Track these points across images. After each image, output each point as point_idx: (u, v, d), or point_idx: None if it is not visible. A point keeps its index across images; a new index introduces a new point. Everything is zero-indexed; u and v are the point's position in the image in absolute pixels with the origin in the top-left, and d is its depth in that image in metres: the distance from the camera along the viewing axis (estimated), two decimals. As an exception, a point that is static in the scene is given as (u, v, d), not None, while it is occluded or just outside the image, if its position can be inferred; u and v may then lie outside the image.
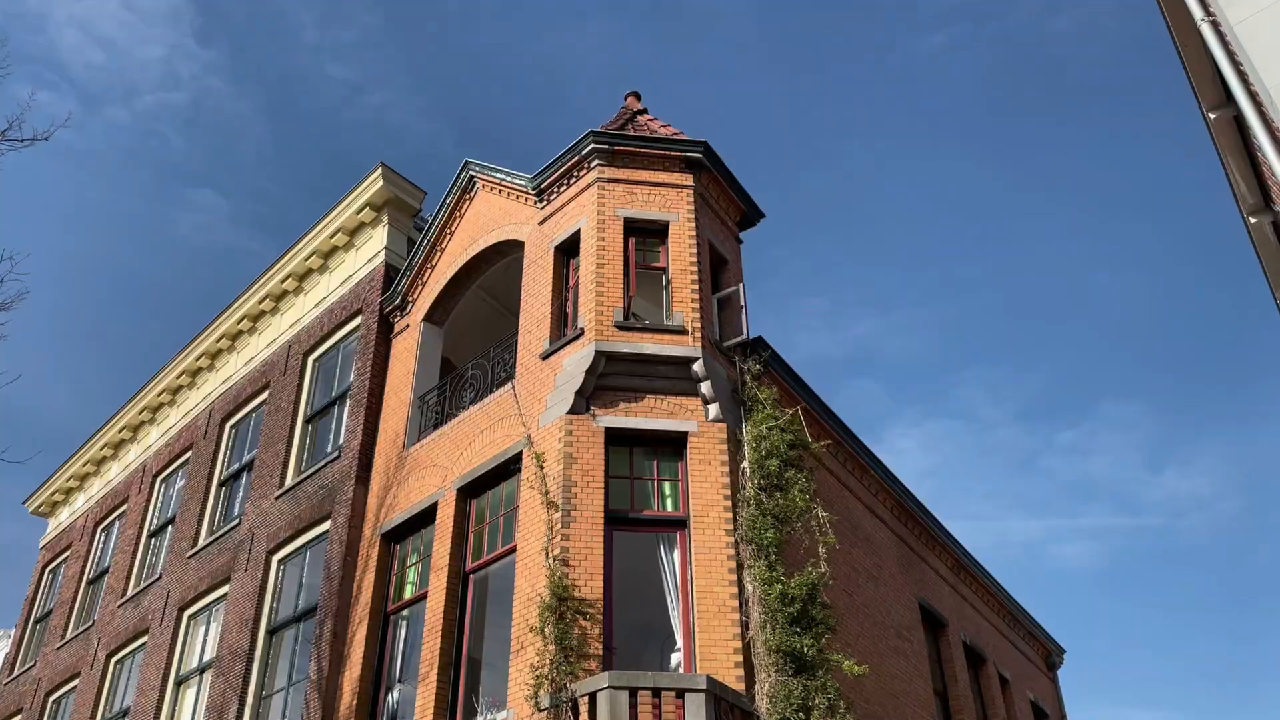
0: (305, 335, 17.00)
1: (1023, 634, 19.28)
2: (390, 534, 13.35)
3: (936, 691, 14.75)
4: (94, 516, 21.22)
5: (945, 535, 16.69)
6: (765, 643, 9.99)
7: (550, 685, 9.77)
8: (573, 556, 10.57)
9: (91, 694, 17.44)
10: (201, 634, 16.02)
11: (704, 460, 11.36)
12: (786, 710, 9.51)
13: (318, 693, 12.55)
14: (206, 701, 14.50)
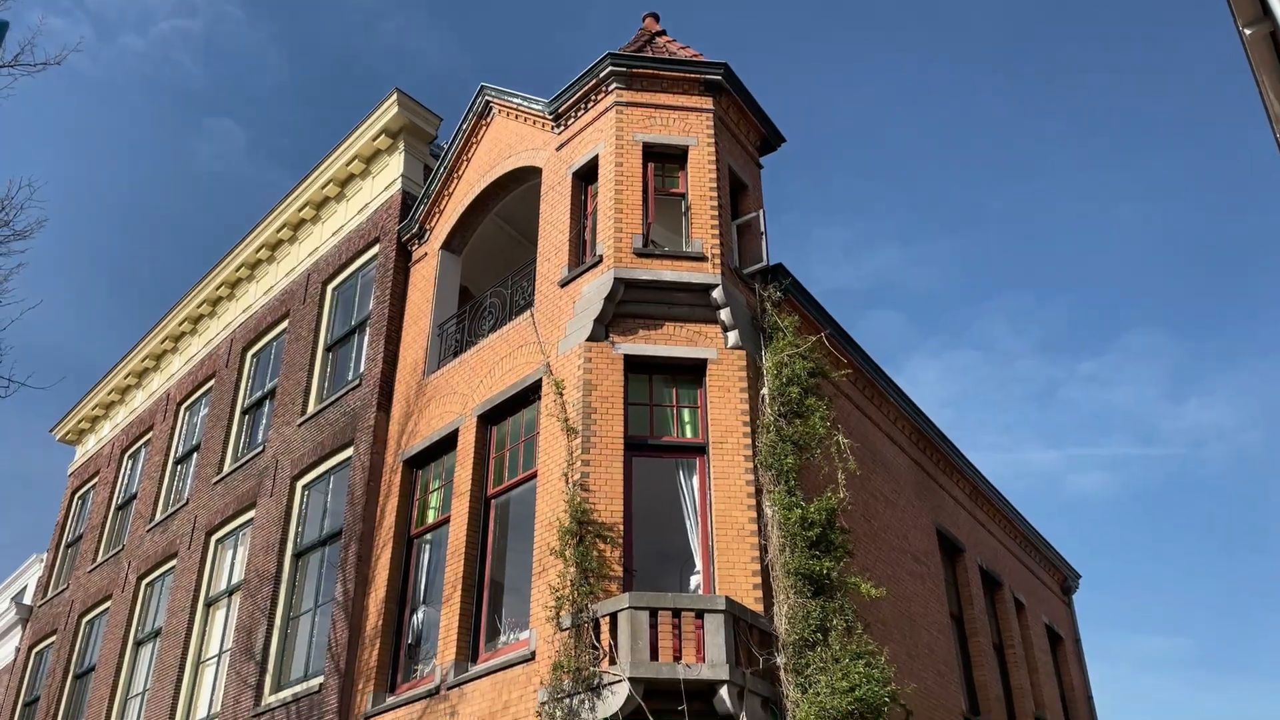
0: (324, 264, 17.00)
1: (1039, 559, 19.44)
2: (412, 460, 13.50)
3: (952, 615, 14.93)
4: (120, 444, 21.54)
5: (963, 462, 16.74)
6: (784, 565, 10.10)
7: (571, 606, 9.94)
8: (592, 482, 10.67)
9: (124, 615, 17.89)
10: (229, 557, 16.34)
11: (723, 387, 11.37)
12: (805, 631, 9.65)
13: (344, 613, 12.83)
14: (236, 622, 14.86)
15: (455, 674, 11.08)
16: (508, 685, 10.38)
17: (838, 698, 9.06)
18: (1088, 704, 19.34)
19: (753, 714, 9.28)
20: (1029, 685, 16.50)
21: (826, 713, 9.02)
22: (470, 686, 10.83)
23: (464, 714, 10.73)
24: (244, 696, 13.76)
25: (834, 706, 9.03)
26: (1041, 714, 16.59)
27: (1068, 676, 18.93)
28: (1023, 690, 16.15)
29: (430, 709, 11.19)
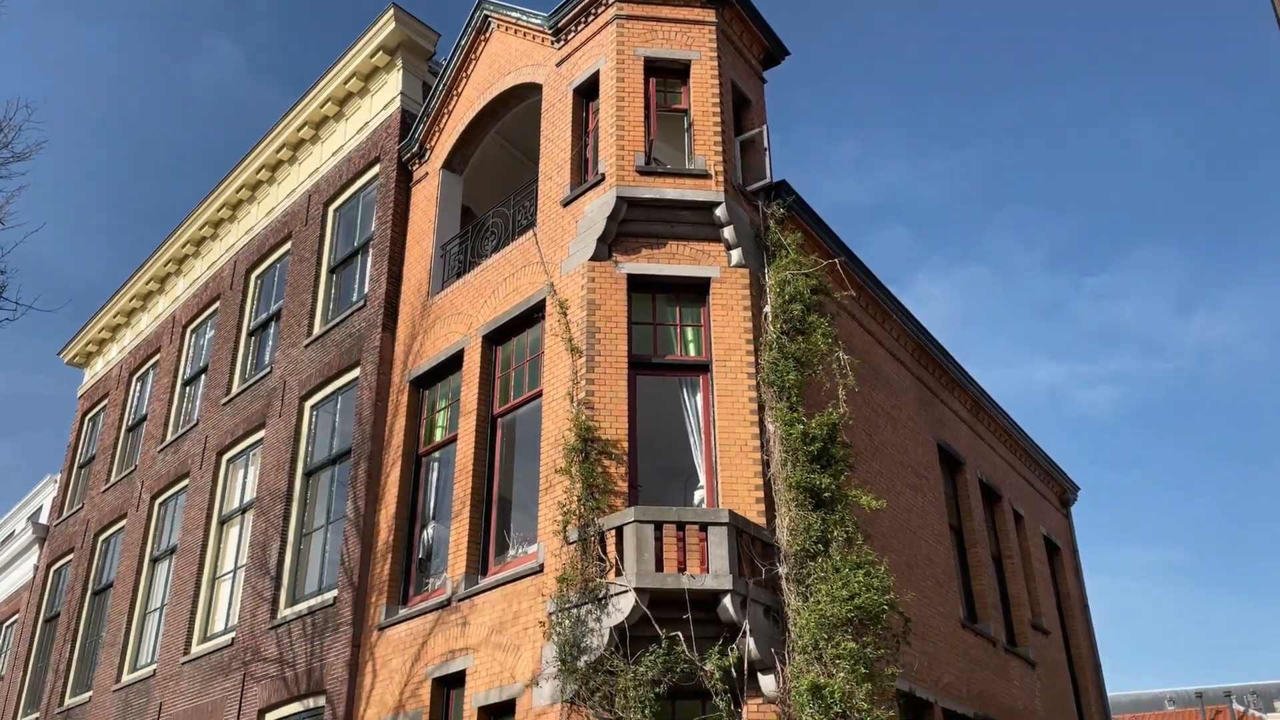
0: (324, 185, 16.92)
1: (1038, 472, 19.69)
2: (419, 380, 13.63)
3: (952, 526, 15.21)
4: (128, 366, 21.70)
5: (965, 378, 16.86)
6: (786, 480, 10.28)
7: (578, 521, 10.15)
8: (597, 400, 10.80)
9: (139, 533, 18.26)
10: (240, 477, 16.61)
11: (726, 306, 11.42)
12: (806, 542, 9.87)
13: (356, 530, 13.10)
14: (249, 539, 15.18)
15: (466, 586, 11.37)
16: (517, 596, 10.66)
17: (838, 605, 9.31)
18: (1084, 612, 19.80)
19: (755, 622, 9.55)
20: (1026, 594, 16.88)
21: (827, 620, 9.28)
22: (481, 598, 11.13)
23: (475, 624, 11.04)
24: (260, 610, 14.14)
25: (834, 614, 9.28)
26: (1038, 621, 16.99)
27: (1064, 586, 19.34)
28: (1020, 599, 16.53)
29: (442, 619, 11.51)
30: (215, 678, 14.45)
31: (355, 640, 12.44)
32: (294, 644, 13.27)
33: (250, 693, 13.59)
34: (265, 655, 13.64)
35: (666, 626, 9.38)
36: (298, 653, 13.14)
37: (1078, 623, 19.25)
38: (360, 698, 12.14)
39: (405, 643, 11.89)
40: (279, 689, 13.17)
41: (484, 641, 10.83)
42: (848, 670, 9.01)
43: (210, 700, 14.33)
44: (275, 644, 13.58)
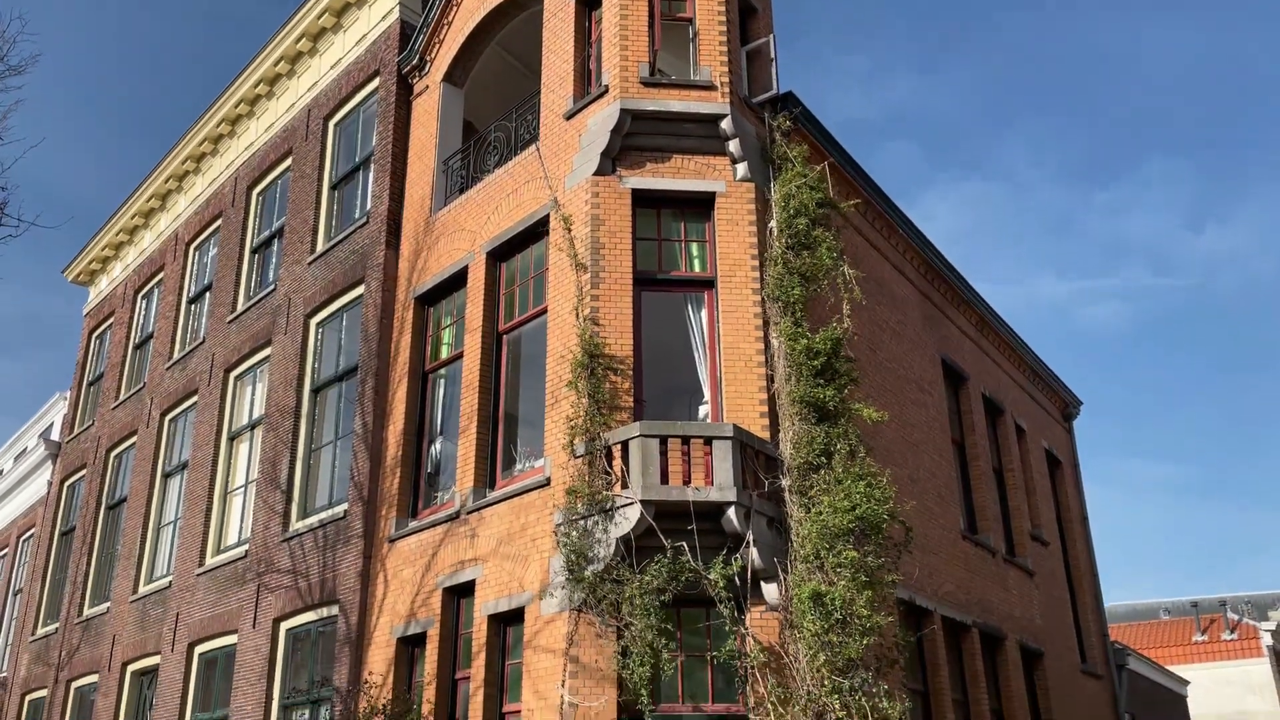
0: (324, 99, 16.68)
1: (1041, 387, 19.78)
2: (423, 297, 13.63)
3: (954, 441, 15.35)
4: (133, 284, 21.71)
5: (971, 294, 16.82)
6: (790, 394, 10.36)
7: (584, 435, 10.27)
8: (602, 316, 10.82)
9: (150, 449, 18.48)
10: (249, 393, 16.75)
11: (732, 221, 11.36)
12: (809, 455, 9.98)
13: (364, 445, 13.26)
14: (259, 454, 15.38)
15: (474, 500, 11.55)
16: (525, 509, 10.84)
17: (839, 516, 9.46)
18: (1083, 524, 20.08)
19: (759, 533, 9.72)
20: (1026, 506, 17.11)
21: (829, 530, 9.44)
22: (489, 511, 11.31)
23: (484, 536, 11.25)
24: (272, 523, 14.39)
25: (835, 524, 9.44)
26: (1037, 533, 17.26)
27: (1064, 498, 19.59)
28: (1020, 511, 16.76)
29: (451, 531, 11.72)
30: (230, 588, 14.78)
31: (366, 552, 12.69)
32: (306, 555, 13.54)
33: (265, 602, 13.92)
34: (278, 566, 13.93)
35: (672, 537, 9.55)
36: (310, 564, 13.42)
37: (1076, 534, 19.55)
38: (373, 607, 12.44)
39: (415, 554, 12.12)
40: (293, 599, 13.48)
41: (493, 552, 11.04)
42: (848, 578, 9.20)
43: (226, 610, 14.69)
44: (288, 555, 13.86)
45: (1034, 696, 15.53)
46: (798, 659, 9.27)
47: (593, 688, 9.44)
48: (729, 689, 9.68)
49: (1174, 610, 46.64)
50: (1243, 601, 45.88)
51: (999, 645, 14.62)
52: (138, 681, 16.81)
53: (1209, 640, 39.25)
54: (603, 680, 9.45)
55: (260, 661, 13.58)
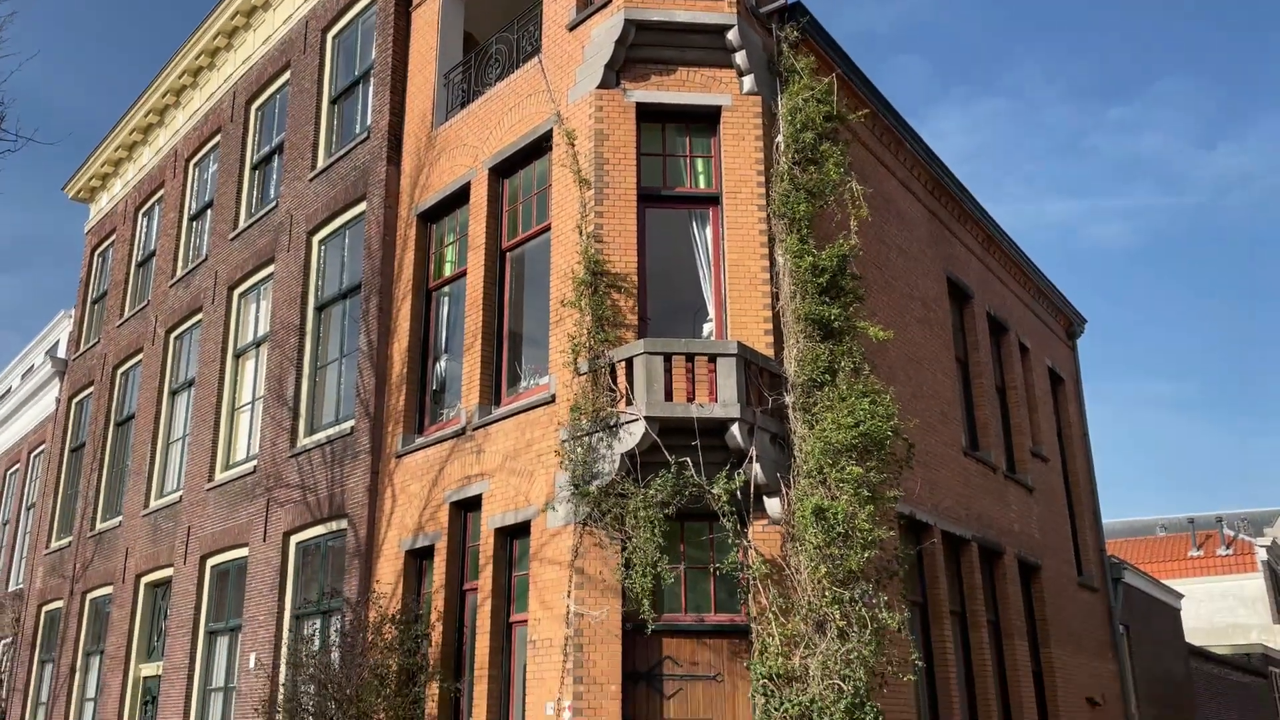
0: (321, 10, 16.33)
1: (1046, 305, 19.74)
2: (426, 214, 13.54)
3: (958, 359, 15.37)
4: (133, 202, 21.55)
5: (978, 210, 16.68)
6: (794, 312, 10.34)
7: (588, 353, 10.29)
8: (606, 233, 10.75)
9: (156, 367, 18.58)
10: (253, 311, 16.76)
11: (738, 135, 11.21)
12: (813, 372, 10.01)
13: (369, 363, 13.31)
14: (265, 372, 15.45)
15: (480, 416, 11.64)
16: (530, 425, 10.93)
17: (843, 432, 9.52)
18: (1083, 441, 20.23)
19: (762, 449, 9.80)
20: (1028, 423, 17.21)
21: (831, 446, 9.52)
22: (494, 427, 11.41)
23: (489, 452, 11.36)
24: (280, 439, 14.53)
25: (838, 440, 9.51)
26: (1038, 449, 17.39)
27: (1066, 416, 19.69)
28: (1021, 428, 16.87)
29: (458, 448, 11.84)
30: (240, 502, 15.00)
31: (374, 467, 12.84)
32: (314, 471, 13.71)
33: (274, 516, 14.14)
34: (287, 481, 14.11)
35: (676, 453, 9.65)
36: (319, 479, 13.58)
37: (1077, 451, 19.70)
38: (381, 520, 12.63)
39: (422, 469, 12.26)
40: (302, 513, 13.69)
41: (499, 468, 11.17)
42: (850, 493, 9.30)
43: (237, 523, 14.93)
44: (296, 471, 14.03)
45: (1030, 608, 15.83)
46: (799, 571, 9.43)
47: (597, 598, 9.63)
48: (731, 600, 9.88)
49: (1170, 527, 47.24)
50: (1239, 518, 46.43)
51: (997, 559, 14.86)
52: (152, 592, 17.17)
53: (1204, 555, 39.87)
54: (607, 591, 9.64)
55: (271, 573, 13.86)
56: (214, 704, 14.80)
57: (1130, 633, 19.86)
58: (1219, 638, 33.44)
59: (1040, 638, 15.76)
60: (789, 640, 9.23)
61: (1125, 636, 19.43)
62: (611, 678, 9.41)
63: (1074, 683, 16.30)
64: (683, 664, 9.69)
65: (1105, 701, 17.27)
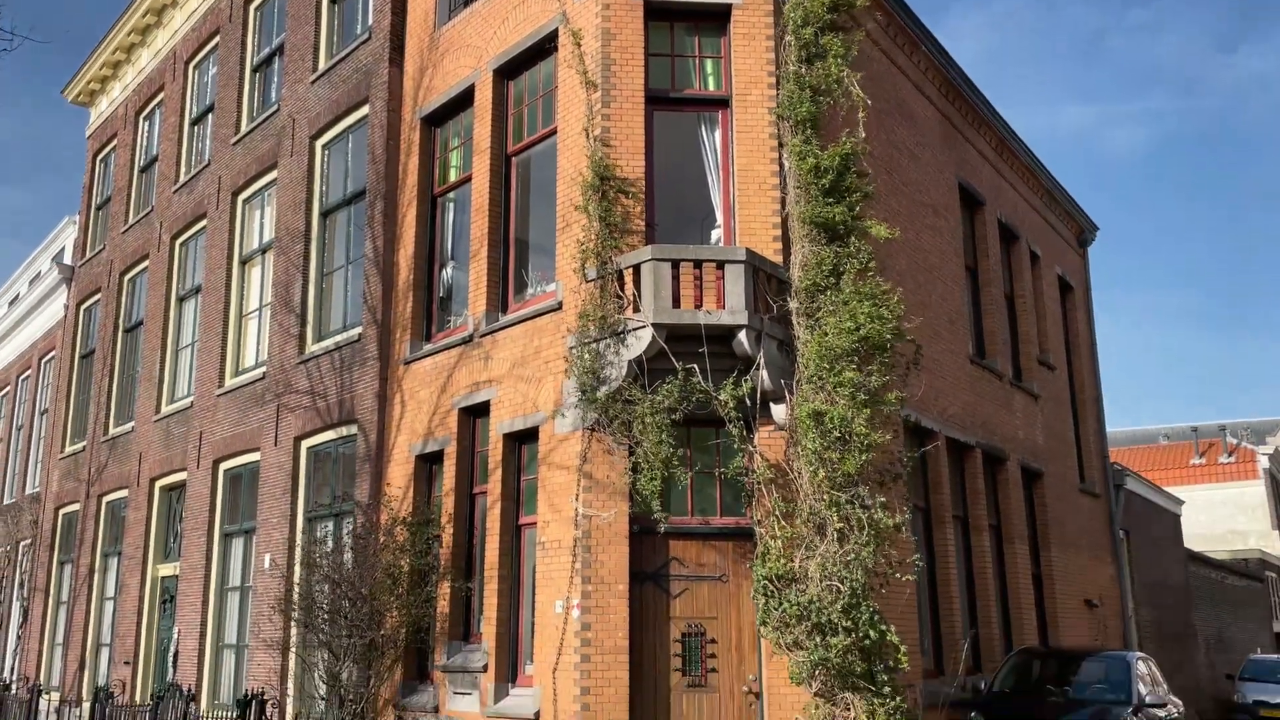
0: (319, -96, 15.81)
1: (1058, 212, 19.51)
2: (430, 118, 13.33)
3: (968, 267, 15.26)
4: (133, 105, 21.23)
5: (991, 113, 16.36)
6: (799, 215, 10.23)
7: (595, 259, 10.23)
8: (613, 136, 10.59)
9: (163, 273, 18.55)
10: (257, 217, 16.65)
11: (748, 35, 10.95)
12: (817, 276, 9.94)
13: (376, 269, 13.27)
14: (272, 278, 15.43)
15: (487, 323, 11.64)
16: (537, 332, 10.93)
17: (842, 336, 9.50)
18: (1090, 350, 20.22)
19: (769, 356, 9.81)
20: (1036, 332, 17.18)
21: (830, 351, 9.50)
22: (502, 334, 11.42)
23: (497, 359, 11.40)
24: (288, 346, 14.59)
25: (837, 345, 9.48)
26: (1045, 358, 17.40)
27: (1074, 324, 19.64)
28: (1029, 336, 16.84)
29: (465, 355, 11.88)
30: (251, 408, 15.13)
31: (382, 374, 12.91)
32: (324, 377, 13.79)
33: (285, 422, 14.28)
34: (297, 387, 14.21)
35: (683, 359, 9.67)
36: (328, 385, 13.67)
37: (1083, 360, 19.71)
38: (391, 426, 12.75)
39: (431, 376, 12.33)
40: (312, 418, 13.82)
41: (507, 374, 11.22)
42: (847, 398, 9.32)
43: (248, 429, 15.09)
44: (305, 377, 14.12)
45: (1032, 513, 16.05)
46: (801, 475, 9.53)
47: (605, 501, 9.77)
48: (736, 503, 10.02)
49: (1174, 435, 47.54)
50: (1242, 427, 46.69)
51: (1001, 465, 15.00)
52: (166, 496, 17.47)
53: (1206, 464, 40.23)
54: (615, 494, 9.77)
55: (283, 478, 14.05)
56: (231, 602, 15.18)
57: (1130, 538, 20.15)
58: (1218, 544, 33.96)
59: (1041, 542, 16.01)
60: (791, 542, 9.38)
61: (1125, 541, 19.73)
62: (619, 578, 9.60)
63: (1073, 585, 16.62)
64: (688, 565, 9.88)
65: (1103, 603, 17.63)
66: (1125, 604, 18.91)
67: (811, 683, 9.02)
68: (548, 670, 9.76)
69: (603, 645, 9.44)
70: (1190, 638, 23.45)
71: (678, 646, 9.69)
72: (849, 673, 8.91)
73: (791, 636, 9.08)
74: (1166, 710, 12.31)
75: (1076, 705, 11.68)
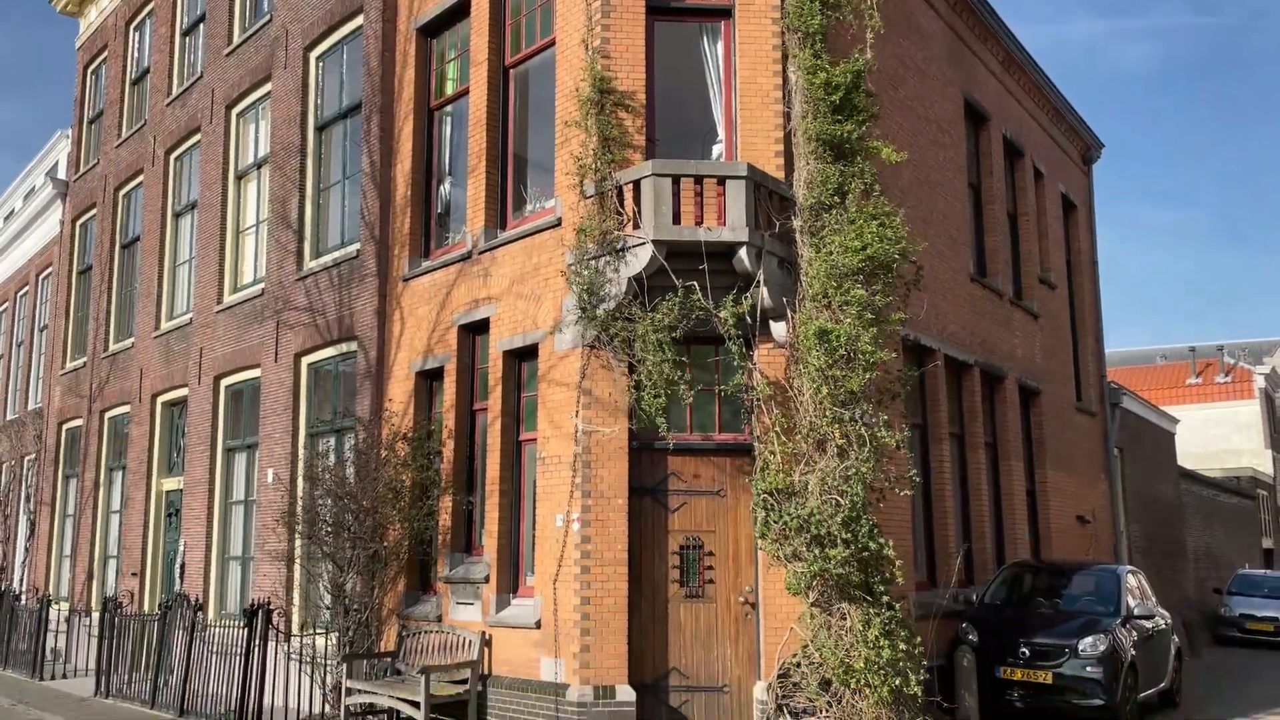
0: None
1: (1063, 128, 19.25)
2: (425, 28, 13.05)
3: (971, 184, 15.12)
4: (123, 15, 20.76)
5: (999, 25, 16.01)
6: (805, 132, 10.09)
7: (595, 175, 10.12)
8: (613, 48, 10.38)
9: (158, 188, 18.37)
10: (252, 131, 16.41)
11: (751, -58, 10.65)
12: (822, 194, 9.86)
13: (373, 184, 13.14)
14: (268, 194, 15.28)
15: (486, 240, 11.57)
16: (536, 249, 10.87)
17: (849, 256, 9.46)
18: (1092, 269, 20.15)
19: (770, 273, 9.78)
20: (1037, 250, 17.10)
21: (837, 269, 9.48)
22: (501, 251, 11.36)
23: (496, 275, 11.36)
24: (286, 262, 14.52)
25: (845, 263, 9.46)
26: (1046, 276, 17.35)
27: (1076, 243, 19.54)
28: (1030, 254, 16.77)
29: (464, 272, 11.83)
30: (250, 324, 15.13)
31: (381, 290, 12.88)
32: (322, 294, 13.75)
33: (285, 338, 14.29)
34: (296, 304, 14.19)
35: (683, 277, 9.63)
36: (327, 302, 13.65)
37: (1084, 279, 19.66)
38: (390, 342, 12.77)
39: (430, 293, 12.30)
40: (312, 335, 13.83)
41: (506, 291, 11.19)
42: (854, 316, 9.33)
43: (248, 345, 15.11)
44: (304, 294, 14.08)
45: (1029, 430, 16.18)
46: (801, 392, 9.58)
47: (605, 418, 9.84)
48: (735, 420, 10.09)
49: (1172, 356, 47.69)
50: (1239, 347, 46.80)
51: (999, 383, 15.07)
52: (168, 411, 17.57)
53: (1203, 383, 40.44)
54: (615, 411, 9.83)
55: (285, 394, 14.12)
56: (235, 516, 15.39)
57: (1124, 455, 20.36)
58: (1211, 462, 34.31)
59: (1036, 459, 16.18)
60: (790, 458, 9.47)
61: (1119, 459, 19.93)
62: (618, 492, 9.72)
63: (1066, 502, 16.84)
64: (687, 480, 9.99)
65: (1095, 519, 17.89)
66: (1117, 520, 19.19)
67: (809, 593, 9.20)
68: (548, 581, 9.94)
69: (602, 557, 9.60)
70: (1180, 553, 23.86)
71: (676, 559, 9.86)
72: (846, 583, 9.08)
73: (790, 548, 9.23)
74: (1154, 622, 12.60)
75: (1066, 616, 11.93)
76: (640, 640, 9.64)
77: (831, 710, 9.07)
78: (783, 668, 9.34)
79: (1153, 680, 12.23)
